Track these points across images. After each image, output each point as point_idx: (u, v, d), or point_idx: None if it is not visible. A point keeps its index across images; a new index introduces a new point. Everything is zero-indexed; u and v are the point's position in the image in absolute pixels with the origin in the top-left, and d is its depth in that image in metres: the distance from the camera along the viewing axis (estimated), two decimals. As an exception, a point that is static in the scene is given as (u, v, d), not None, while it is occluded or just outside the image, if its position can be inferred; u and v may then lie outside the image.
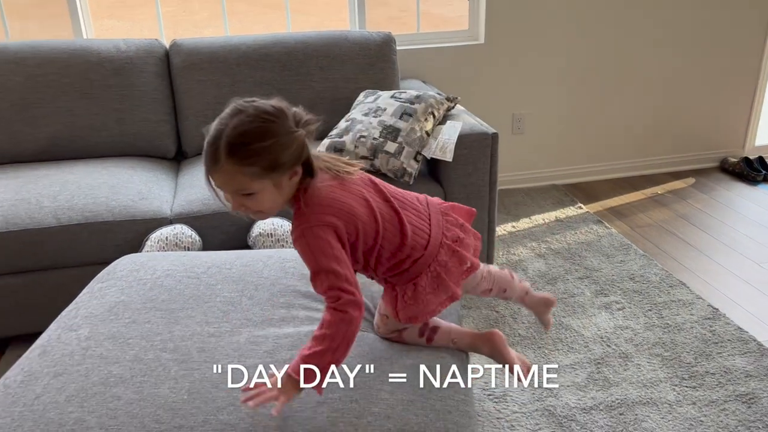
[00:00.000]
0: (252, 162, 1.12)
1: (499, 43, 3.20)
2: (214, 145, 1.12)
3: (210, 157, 1.14)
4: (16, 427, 1.13)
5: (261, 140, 1.12)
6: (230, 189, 1.16)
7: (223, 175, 1.14)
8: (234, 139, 1.11)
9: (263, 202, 1.17)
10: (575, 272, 2.58)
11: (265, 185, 1.15)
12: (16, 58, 2.46)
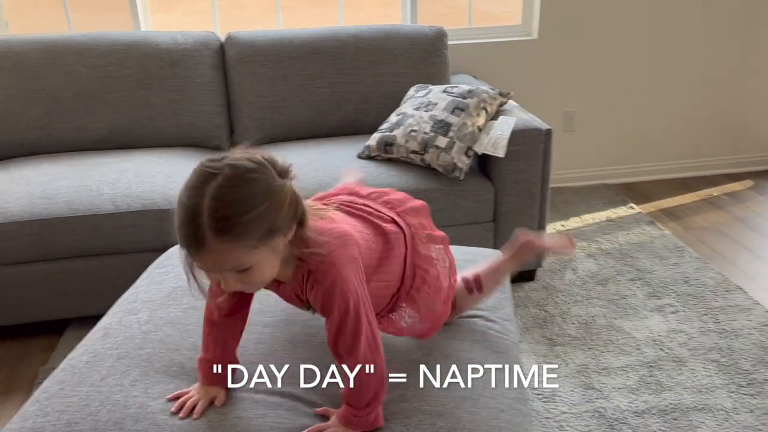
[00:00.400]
0: (246, 235, 0.94)
1: (553, 39, 3.15)
2: (194, 225, 0.92)
3: (190, 239, 0.94)
4: (83, 406, 1.17)
5: (251, 208, 0.93)
6: (222, 269, 0.98)
7: (211, 256, 0.94)
8: (218, 213, 0.92)
9: (263, 272, 1.01)
10: (627, 273, 2.53)
11: (262, 255, 0.98)
12: (80, 49, 2.54)
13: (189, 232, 0.93)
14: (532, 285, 2.48)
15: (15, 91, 2.49)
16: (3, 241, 2.06)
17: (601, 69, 3.25)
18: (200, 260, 0.96)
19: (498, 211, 2.36)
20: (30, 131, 2.51)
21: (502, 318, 1.48)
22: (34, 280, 2.13)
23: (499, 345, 1.38)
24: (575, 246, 1.33)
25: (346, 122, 2.72)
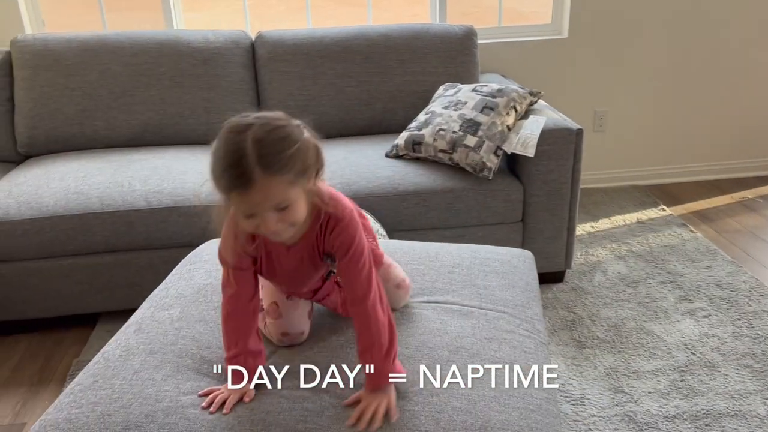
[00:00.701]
0: (287, 170, 1.03)
1: (583, 38, 3.12)
2: (241, 166, 1.00)
3: (238, 180, 1.01)
4: (116, 399, 1.19)
5: (288, 146, 1.04)
6: (267, 207, 1.05)
7: (259, 193, 1.02)
8: (263, 151, 1.01)
9: (297, 211, 1.08)
10: (657, 276, 2.49)
11: (298, 193, 1.07)
12: (115, 48, 2.58)
13: (237, 174, 1.01)
14: (560, 286, 2.45)
15: (51, 88, 2.54)
16: (38, 234, 2.10)
17: (632, 69, 3.20)
18: (246, 200, 1.03)
19: (527, 212, 2.34)
20: (66, 128, 2.56)
21: (530, 317, 1.47)
22: (68, 273, 2.18)
23: (527, 345, 1.37)
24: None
25: (375, 121, 2.72)
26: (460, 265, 1.63)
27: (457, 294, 1.51)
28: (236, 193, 1.03)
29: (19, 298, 2.19)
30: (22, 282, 2.17)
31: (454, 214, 2.27)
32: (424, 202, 2.24)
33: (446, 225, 2.29)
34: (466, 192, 2.25)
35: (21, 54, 2.56)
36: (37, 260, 2.16)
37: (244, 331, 1.23)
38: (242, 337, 1.23)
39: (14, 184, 2.23)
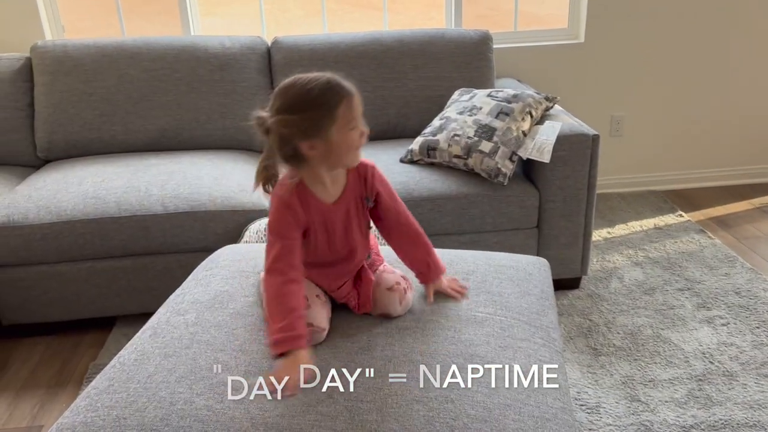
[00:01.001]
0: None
1: (600, 42, 3.10)
2: (335, 82, 1.23)
3: (345, 88, 1.23)
4: (131, 402, 1.20)
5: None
6: (360, 111, 1.26)
7: (357, 97, 1.25)
8: (338, 76, 1.26)
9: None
10: (675, 283, 2.47)
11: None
12: (132, 54, 2.61)
13: (341, 85, 1.23)
14: (576, 293, 2.44)
15: (70, 94, 2.58)
16: (57, 239, 2.13)
17: (649, 73, 3.18)
18: (354, 105, 1.24)
19: (542, 218, 2.33)
20: (84, 133, 2.59)
21: (545, 325, 1.46)
22: (86, 277, 2.20)
23: (543, 353, 1.36)
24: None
25: (389, 126, 2.72)
26: (474, 272, 1.63)
27: (471, 301, 1.50)
28: (346, 100, 1.22)
29: (39, 301, 2.22)
30: (41, 285, 2.19)
31: (469, 220, 2.27)
32: (438, 208, 2.24)
33: (461, 231, 2.29)
34: (480, 198, 2.25)
35: (41, 60, 2.59)
36: (55, 264, 2.19)
37: (297, 311, 1.27)
38: (295, 318, 1.25)
39: (33, 189, 2.26)
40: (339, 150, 1.25)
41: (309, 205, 1.30)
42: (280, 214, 1.28)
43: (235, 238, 2.20)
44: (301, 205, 1.29)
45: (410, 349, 1.32)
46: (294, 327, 1.24)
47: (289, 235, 1.29)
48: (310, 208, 1.30)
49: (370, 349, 1.32)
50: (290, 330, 1.24)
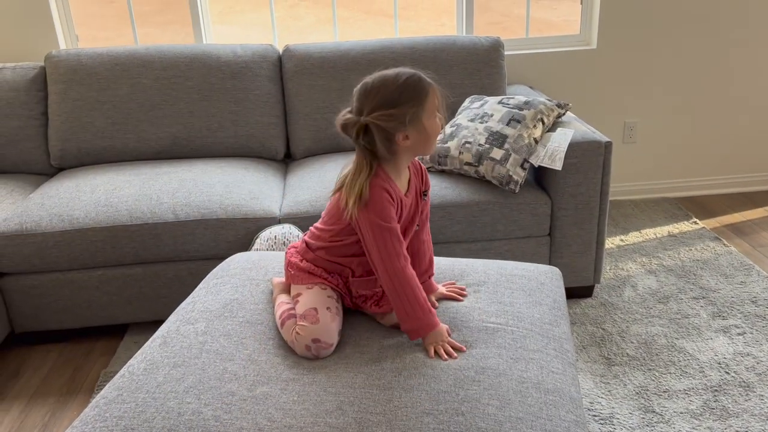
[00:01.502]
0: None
1: (613, 48, 3.08)
2: (421, 77, 1.34)
3: (426, 81, 1.33)
4: (140, 412, 1.19)
5: None
6: (439, 104, 1.35)
7: (437, 90, 1.34)
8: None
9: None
10: (690, 292, 2.43)
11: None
12: (144, 62, 2.63)
13: (424, 79, 1.34)
14: (589, 301, 2.41)
15: (83, 102, 2.59)
16: (69, 246, 2.14)
17: (662, 79, 3.15)
18: (438, 94, 1.35)
19: (554, 225, 2.31)
20: (97, 141, 2.61)
21: (558, 336, 1.44)
22: (98, 285, 2.21)
23: (555, 365, 1.34)
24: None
25: (401, 133, 2.71)
26: (486, 282, 1.61)
27: (482, 311, 1.49)
28: (432, 90, 1.33)
29: (51, 309, 2.23)
30: (53, 293, 2.21)
31: (480, 228, 2.25)
32: (449, 216, 2.22)
33: (472, 238, 2.27)
34: (491, 205, 2.23)
35: (55, 69, 2.62)
36: (68, 271, 2.20)
37: (424, 296, 1.37)
38: (426, 304, 1.36)
39: (46, 197, 2.28)
40: (428, 137, 1.35)
41: (396, 194, 1.38)
42: (387, 201, 1.34)
43: (246, 246, 2.20)
44: (393, 190, 1.37)
45: (421, 362, 1.31)
46: (424, 312, 1.35)
47: (395, 222, 1.36)
48: (397, 195, 1.38)
49: (380, 361, 1.31)
50: (425, 316, 1.35)
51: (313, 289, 1.43)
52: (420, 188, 1.46)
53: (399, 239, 1.35)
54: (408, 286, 1.34)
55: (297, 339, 1.33)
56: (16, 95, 2.61)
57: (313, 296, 1.41)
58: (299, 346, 1.33)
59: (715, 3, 3.04)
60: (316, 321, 1.35)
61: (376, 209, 1.33)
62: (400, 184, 1.40)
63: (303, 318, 1.36)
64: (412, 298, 1.34)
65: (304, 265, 1.48)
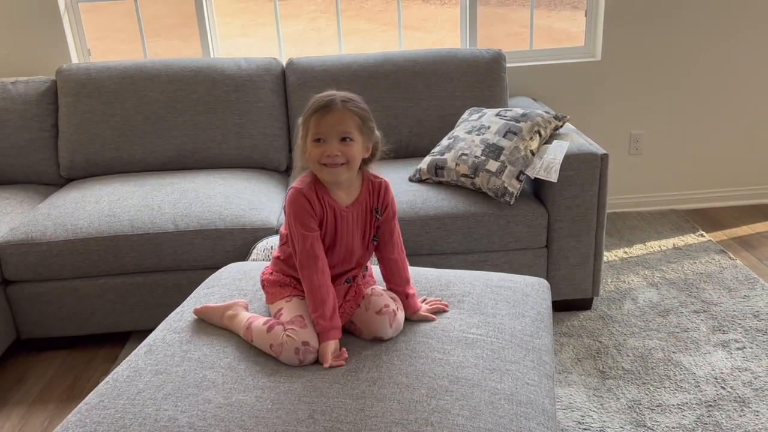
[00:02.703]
0: (360, 115, 1.37)
1: (617, 60, 3.07)
2: (329, 98, 1.36)
3: (323, 105, 1.35)
4: (118, 419, 1.22)
5: (364, 105, 1.41)
6: (336, 131, 1.35)
7: (334, 117, 1.34)
8: (346, 98, 1.37)
9: (355, 153, 1.37)
10: (691, 305, 2.41)
11: (358, 139, 1.37)
12: (151, 75, 2.69)
13: (324, 102, 1.35)
14: (587, 314, 2.40)
15: (92, 115, 2.67)
16: (72, 255, 2.20)
17: (668, 90, 3.13)
18: (323, 121, 1.34)
19: (551, 238, 2.31)
20: (104, 152, 2.67)
21: (537, 347, 1.45)
22: (100, 293, 2.26)
23: (531, 376, 1.34)
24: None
25: (401, 145, 2.74)
26: (470, 293, 1.62)
27: (464, 322, 1.50)
28: (318, 115, 1.34)
29: (55, 316, 2.28)
30: (58, 300, 2.26)
31: (476, 239, 2.26)
32: (445, 227, 2.24)
33: (468, 250, 2.28)
34: (487, 217, 2.24)
35: (65, 82, 2.69)
36: (71, 280, 2.25)
37: (327, 302, 1.39)
38: (326, 309, 1.39)
39: (53, 207, 2.34)
40: (309, 158, 1.39)
41: (324, 202, 1.41)
42: (299, 203, 1.39)
43: (244, 256, 2.24)
44: (318, 200, 1.41)
45: (397, 371, 1.32)
46: (324, 318, 1.38)
47: (310, 225, 1.40)
48: (325, 204, 1.41)
49: (357, 371, 1.33)
50: (321, 321, 1.38)
51: (291, 301, 1.45)
52: (371, 205, 1.47)
53: (304, 243, 1.39)
54: (305, 288, 1.41)
55: (288, 343, 1.35)
56: (28, 108, 2.69)
57: (294, 306, 1.44)
58: (288, 349, 1.35)
59: (722, 14, 3.02)
60: (305, 326, 1.38)
61: (290, 211, 1.40)
62: (339, 196, 1.43)
63: (291, 323, 1.39)
64: (319, 304, 1.39)
65: (274, 278, 1.51)
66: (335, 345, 1.38)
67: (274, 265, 1.54)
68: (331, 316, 1.39)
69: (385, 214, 1.49)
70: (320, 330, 1.38)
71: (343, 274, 1.49)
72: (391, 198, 1.50)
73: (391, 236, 1.51)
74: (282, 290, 1.49)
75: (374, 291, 1.49)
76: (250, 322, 1.44)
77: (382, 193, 1.48)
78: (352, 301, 1.48)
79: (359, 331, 1.46)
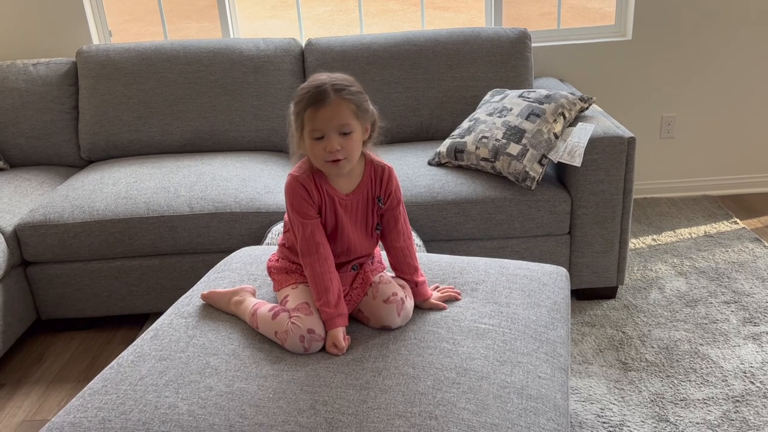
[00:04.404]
0: (353, 99, 1.29)
1: (649, 39, 2.95)
2: (319, 89, 1.27)
3: (316, 97, 1.26)
4: (119, 404, 1.21)
5: (355, 86, 1.32)
6: (334, 125, 1.27)
7: (329, 110, 1.26)
8: (337, 84, 1.28)
9: (355, 145, 1.31)
10: (721, 295, 2.31)
11: (357, 127, 1.30)
12: (169, 57, 2.67)
13: (315, 93, 1.27)
14: (611, 303, 2.32)
15: (111, 96, 2.66)
16: (89, 237, 2.20)
17: (701, 71, 3.00)
18: (319, 116, 1.27)
19: (574, 224, 2.23)
20: (124, 134, 2.67)
21: (552, 339, 1.39)
22: (117, 275, 2.27)
23: (544, 369, 1.29)
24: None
25: (422, 128, 2.68)
26: (484, 281, 1.57)
27: (476, 312, 1.45)
28: (312, 109, 1.26)
29: (74, 297, 2.30)
30: (75, 282, 2.27)
31: (495, 225, 2.19)
32: (463, 212, 2.18)
33: (487, 236, 2.22)
34: (507, 202, 2.17)
35: (85, 64, 2.69)
36: (89, 261, 2.26)
37: (331, 290, 1.35)
38: (330, 297, 1.34)
39: (71, 189, 2.35)
40: (310, 155, 1.34)
41: (323, 190, 1.36)
42: (295, 191, 1.35)
43: (259, 240, 2.21)
44: (315, 188, 1.35)
45: (403, 361, 1.28)
46: (329, 306, 1.34)
47: (308, 213, 1.35)
48: (323, 193, 1.36)
49: (362, 361, 1.29)
50: (325, 309, 1.34)
51: (297, 288, 1.42)
52: (373, 193, 1.41)
53: (305, 231, 1.35)
54: (307, 276, 1.37)
55: (293, 330, 1.32)
56: (49, 90, 2.70)
57: (300, 293, 1.41)
58: (293, 337, 1.32)
59: (762, -10, 2.87)
60: (310, 313, 1.35)
61: (288, 199, 1.36)
62: (339, 184, 1.38)
63: (297, 310, 1.36)
64: (322, 292, 1.35)
65: (280, 264, 1.48)
66: (342, 332, 1.34)
67: (279, 252, 1.51)
68: (336, 302, 1.35)
69: (388, 202, 1.43)
70: (326, 318, 1.34)
71: (348, 262, 1.45)
72: (395, 185, 1.43)
73: (395, 224, 1.45)
74: (288, 277, 1.46)
75: (382, 279, 1.44)
76: (255, 308, 1.42)
77: (385, 180, 1.41)
78: (359, 288, 1.44)
79: (367, 320, 1.42)
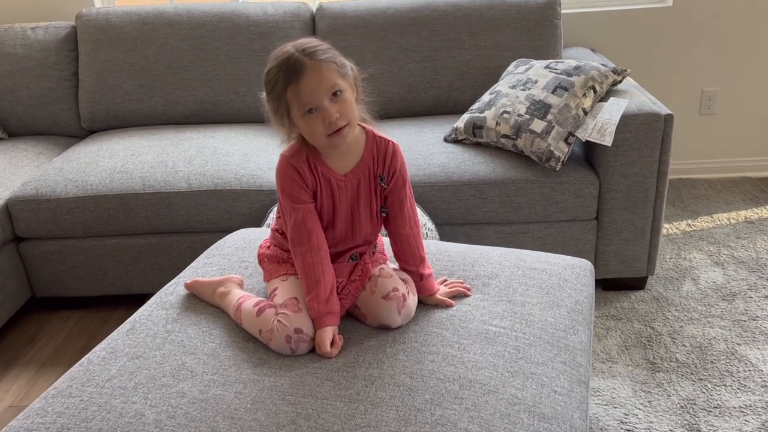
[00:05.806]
0: (329, 57, 1.15)
1: (690, 7, 2.70)
2: (290, 61, 1.13)
3: (291, 71, 1.12)
4: (81, 410, 1.09)
5: (323, 45, 1.17)
6: (322, 92, 1.13)
7: (311, 78, 1.12)
8: (305, 48, 1.14)
9: (350, 105, 1.16)
10: (762, 289, 2.12)
11: (345, 86, 1.16)
12: (172, 21, 2.52)
13: (288, 66, 1.12)
14: (640, 295, 2.14)
15: (111, 63, 2.52)
16: (82, 213, 2.09)
17: (747, 42, 2.75)
18: (303, 89, 1.12)
19: (602, 209, 2.04)
20: (125, 104, 2.54)
21: (572, 346, 1.23)
22: (112, 254, 2.15)
23: (561, 383, 1.13)
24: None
25: (440, 101, 2.49)
26: (498, 275, 1.40)
27: (486, 311, 1.29)
28: (293, 85, 1.12)
29: (69, 276, 2.19)
30: (70, 259, 2.17)
31: (515, 209, 2.02)
32: (480, 194, 2.00)
33: (506, 220, 2.05)
34: (529, 184, 1.99)
35: (85, 28, 2.55)
36: (83, 239, 2.15)
37: (322, 283, 1.21)
38: (320, 291, 1.21)
39: (67, 161, 2.23)
40: (307, 135, 1.19)
41: (318, 172, 1.23)
42: (287, 174, 1.22)
43: (261, 219, 2.07)
44: (309, 170, 1.22)
45: (400, 369, 1.13)
46: (318, 301, 1.20)
47: (300, 197, 1.22)
48: (318, 174, 1.23)
49: (354, 367, 1.15)
50: (314, 305, 1.20)
51: (288, 281, 1.28)
52: (374, 171, 1.26)
53: (296, 218, 1.22)
54: (297, 267, 1.24)
55: (278, 329, 1.19)
56: (48, 55, 2.57)
57: (290, 287, 1.26)
58: (279, 337, 1.18)
59: (821, -49, 2.60)
60: (298, 311, 1.21)
61: (278, 182, 1.24)
62: (336, 163, 1.23)
63: (284, 307, 1.22)
64: (312, 285, 1.21)
65: (271, 252, 1.33)
66: (332, 333, 1.20)
67: (272, 238, 1.36)
68: (327, 299, 1.20)
69: (392, 182, 1.28)
70: (314, 315, 1.20)
71: (347, 251, 1.30)
72: (401, 163, 1.28)
73: (401, 208, 1.30)
74: (279, 267, 1.31)
75: (383, 272, 1.29)
76: (240, 302, 1.28)
77: (388, 158, 1.26)
78: (358, 281, 1.29)
79: (364, 317, 1.27)
